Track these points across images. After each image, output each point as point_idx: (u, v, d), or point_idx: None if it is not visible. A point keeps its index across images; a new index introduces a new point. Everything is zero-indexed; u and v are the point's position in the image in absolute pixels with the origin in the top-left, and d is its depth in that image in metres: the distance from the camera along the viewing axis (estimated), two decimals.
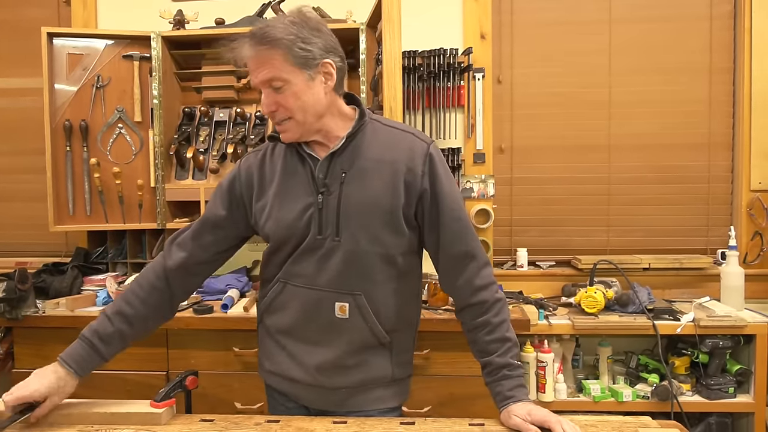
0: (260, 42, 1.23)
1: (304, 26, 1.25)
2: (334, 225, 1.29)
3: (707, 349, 2.25)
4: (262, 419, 1.27)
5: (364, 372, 1.35)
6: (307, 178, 1.32)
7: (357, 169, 1.30)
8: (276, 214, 1.34)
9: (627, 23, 2.74)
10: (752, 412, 2.27)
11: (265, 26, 1.24)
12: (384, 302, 1.34)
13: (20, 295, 2.16)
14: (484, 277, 1.33)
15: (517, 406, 1.21)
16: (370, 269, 1.31)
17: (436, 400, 2.12)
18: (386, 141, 1.33)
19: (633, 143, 2.76)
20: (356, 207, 1.29)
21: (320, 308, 1.32)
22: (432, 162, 1.32)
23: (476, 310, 1.32)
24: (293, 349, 1.37)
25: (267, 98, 1.27)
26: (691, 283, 2.65)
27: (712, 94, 2.73)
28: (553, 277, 2.71)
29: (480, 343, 1.31)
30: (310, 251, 1.31)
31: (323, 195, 1.30)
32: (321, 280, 1.31)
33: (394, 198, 1.29)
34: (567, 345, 2.42)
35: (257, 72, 1.25)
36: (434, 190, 1.31)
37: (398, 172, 1.30)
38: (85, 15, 2.81)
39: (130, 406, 1.28)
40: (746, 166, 2.66)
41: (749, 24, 2.63)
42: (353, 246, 1.29)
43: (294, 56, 1.22)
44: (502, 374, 1.26)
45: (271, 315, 1.40)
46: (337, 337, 1.33)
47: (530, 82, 2.78)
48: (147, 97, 2.58)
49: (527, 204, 2.81)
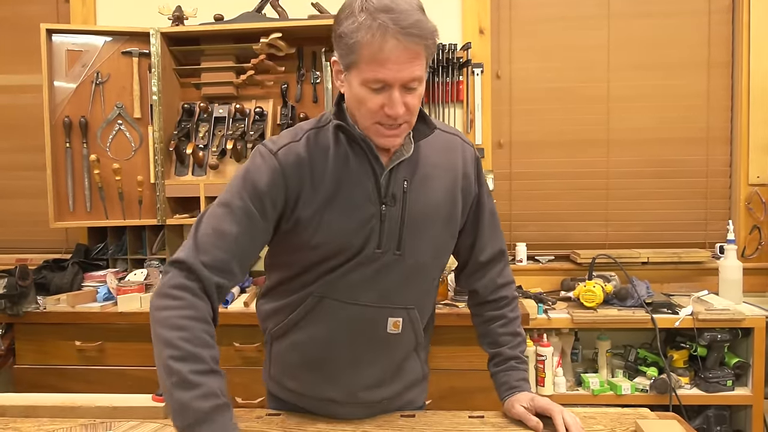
0: (418, 35, 1.02)
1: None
2: (396, 238, 1.16)
3: (705, 342, 2.26)
4: (263, 413, 1.28)
5: (402, 380, 1.29)
6: (370, 184, 1.14)
7: (419, 176, 1.18)
8: (330, 223, 1.14)
9: (625, 18, 2.75)
10: (750, 405, 2.28)
11: (414, 14, 1.03)
12: (426, 311, 1.31)
13: (21, 292, 2.17)
14: (507, 276, 1.35)
15: (522, 395, 1.23)
16: (427, 281, 1.26)
17: (436, 394, 2.13)
18: (441, 145, 1.24)
19: (631, 138, 2.77)
20: (420, 218, 1.18)
21: (369, 325, 1.20)
22: (479, 166, 1.30)
23: (496, 305, 1.33)
24: (330, 368, 1.23)
25: (400, 98, 1.05)
26: (689, 277, 2.66)
27: (710, 89, 2.74)
28: (552, 272, 2.71)
29: (492, 335, 1.32)
30: (363, 265, 1.16)
31: (387, 205, 1.15)
32: (372, 296, 1.18)
33: (453, 206, 1.23)
34: (566, 339, 2.43)
35: (403, 67, 1.03)
36: (480, 194, 1.29)
37: (456, 178, 1.23)
38: (84, 11, 2.81)
39: (132, 400, 1.29)
40: (744, 160, 2.66)
41: (747, 18, 2.63)
42: (415, 259, 1.19)
43: (429, 54, 1.07)
44: (510, 365, 1.28)
45: (300, 331, 1.22)
46: (385, 353, 1.24)
47: (529, 77, 2.79)
48: (146, 93, 2.58)
49: (526, 198, 2.82)
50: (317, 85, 2.68)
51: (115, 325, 2.18)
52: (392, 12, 1.01)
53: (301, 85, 2.68)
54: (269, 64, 2.56)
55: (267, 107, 2.62)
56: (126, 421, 1.23)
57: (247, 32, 2.51)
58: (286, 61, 2.61)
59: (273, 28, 2.48)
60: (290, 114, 2.66)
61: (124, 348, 2.19)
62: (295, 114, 2.67)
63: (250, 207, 1.11)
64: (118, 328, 2.20)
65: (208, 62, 2.63)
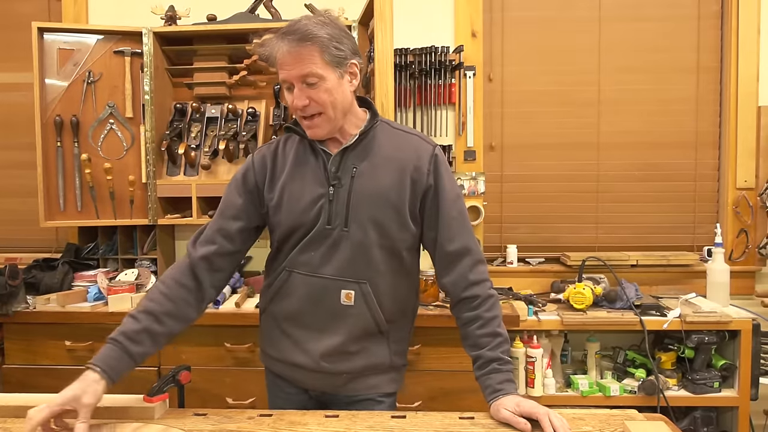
0: (300, 39, 1.27)
1: (336, 27, 1.32)
2: (343, 216, 1.36)
3: (693, 344, 2.28)
4: (254, 413, 1.28)
5: (365, 358, 1.41)
6: (320, 170, 1.38)
7: (367, 164, 1.38)
8: (287, 203, 1.39)
9: (616, 22, 2.77)
10: (737, 407, 2.30)
11: (302, 24, 1.29)
12: (386, 292, 1.40)
13: (11, 291, 2.16)
14: (478, 273, 1.40)
15: (506, 399, 1.25)
16: (375, 259, 1.38)
17: (426, 395, 2.14)
18: (395, 141, 1.42)
19: (621, 141, 2.79)
20: (365, 200, 1.36)
21: (326, 296, 1.38)
22: (437, 162, 1.41)
23: (469, 305, 1.38)
24: (298, 335, 1.41)
25: (299, 93, 1.30)
26: (677, 280, 2.69)
27: (699, 93, 2.77)
28: (543, 274, 2.73)
29: (472, 337, 1.36)
30: (317, 241, 1.37)
31: (335, 187, 1.36)
32: (327, 269, 1.37)
33: (401, 193, 1.37)
34: (556, 340, 2.44)
35: (293, 67, 1.29)
36: (437, 188, 1.39)
37: (406, 169, 1.38)
38: (76, 10, 2.80)
39: (124, 400, 1.29)
40: (732, 164, 2.69)
41: (736, 24, 2.66)
42: (361, 237, 1.36)
43: (329, 54, 1.29)
44: (492, 368, 1.30)
45: (277, 303, 1.44)
46: (342, 324, 1.38)
47: (520, 80, 2.80)
48: (138, 92, 2.57)
49: (517, 201, 2.84)
50: None
51: (105, 325, 2.17)
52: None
53: None
54: (262, 65, 2.56)
55: (259, 108, 2.62)
56: (117, 422, 1.23)
57: (240, 33, 2.51)
58: None
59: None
60: (283, 115, 2.66)
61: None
62: (287, 115, 2.67)
63: (230, 191, 1.45)
64: (108, 328, 2.14)
65: (201, 62, 2.62)
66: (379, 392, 1.45)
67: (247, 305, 2.24)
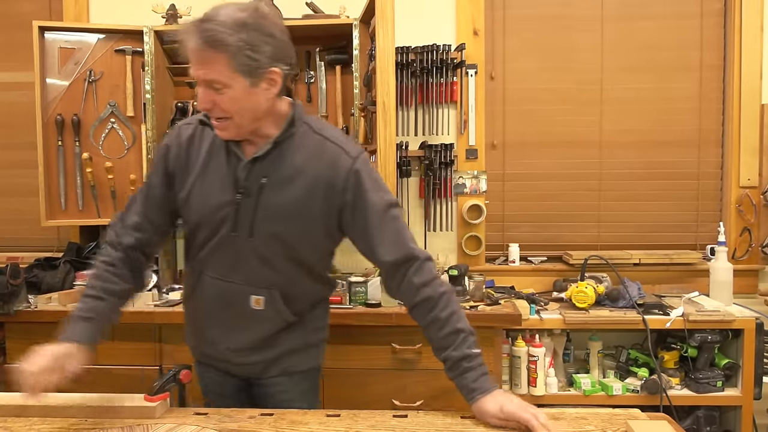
0: (206, 42, 1.18)
1: (258, 30, 1.20)
2: (248, 227, 1.33)
3: (696, 343, 2.27)
4: (255, 412, 1.28)
5: (278, 348, 1.44)
6: (229, 175, 1.33)
7: (277, 177, 1.32)
8: (196, 200, 1.36)
9: (619, 20, 2.76)
10: (740, 406, 2.29)
11: (215, 25, 1.17)
12: (297, 296, 1.42)
13: (12, 290, 2.15)
14: (424, 275, 1.31)
15: (487, 401, 1.21)
16: (283, 270, 1.37)
17: (428, 394, 2.14)
18: (312, 150, 1.33)
19: (624, 140, 2.78)
20: (271, 214, 1.32)
21: (236, 300, 1.38)
22: (356, 177, 1.32)
23: (423, 308, 1.31)
24: (212, 333, 1.44)
25: (204, 95, 1.23)
26: (680, 279, 2.68)
27: (702, 92, 2.75)
28: (545, 272, 2.73)
29: (435, 340, 1.30)
30: (223, 246, 1.36)
31: (242, 196, 1.32)
32: (236, 275, 1.37)
33: (311, 209, 1.32)
34: (558, 339, 2.44)
35: (198, 69, 1.21)
36: (360, 203, 1.32)
37: (318, 184, 1.31)
38: (77, 9, 2.80)
39: (125, 399, 1.29)
40: (735, 162, 2.68)
41: (739, 22, 2.65)
42: (265, 250, 1.34)
43: (238, 63, 1.19)
44: (463, 367, 1.25)
45: (192, 301, 1.46)
46: (253, 325, 1.41)
47: (522, 78, 2.79)
48: (139, 91, 2.57)
49: (519, 200, 2.83)
50: (311, 85, 2.68)
51: None
52: (204, 20, 1.19)
53: (295, 85, 2.68)
54: None
55: None
56: (119, 421, 1.23)
57: None
58: None
59: None
60: None
61: (116, 347, 2.18)
62: None
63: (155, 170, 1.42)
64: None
65: None
66: (299, 369, 1.49)
67: None
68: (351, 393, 2.14)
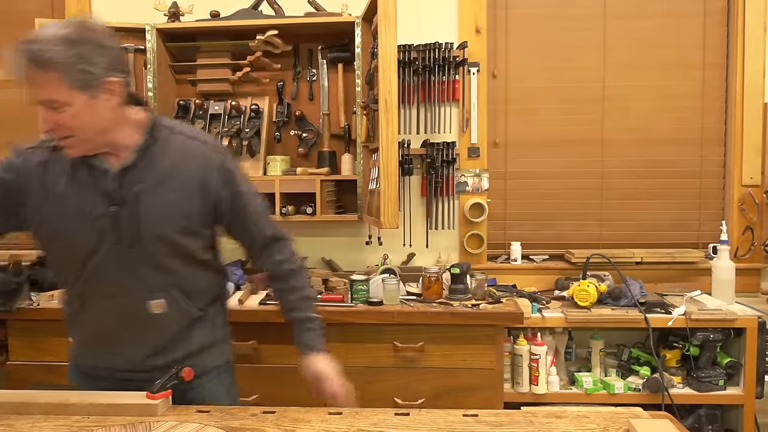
0: (35, 64, 1.16)
1: (87, 43, 1.19)
2: (132, 234, 1.32)
3: (698, 342, 2.27)
4: (257, 410, 1.28)
5: (186, 347, 1.45)
6: (98, 190, 1.31)
7: (152, 181, 1.33)
8: (59, 226, 1.32)
9: (621, 18, 2.75)
10: (741, 405, 2.29)
11: (41, 45, 1.15)
12: (195, 290, 1.44)
13: (14, 288, 2.16)
14: (286, 253, 1.54)
15: (316, 359, 1.47)
16: (175, 268, 1.39)
17: (430, 392, 2.14)
18: (181, 151, 1.38)
19: (626, 138, 2.78)
20: (153, 217, 1.33)
21: (134, 311, 1.37)
22: (227, 171, 1.41)
23: (283, 278, 1.54)
24: (114, 348, 1.41)
25: (45, 116, 1.21)
26: (682, 277, 2.68)
27: (705, 90, 2.75)
28: (547, 271, 2.72)
29: (286, 302, 1.54)
30: (109, 260, 1.33)
31: (119, 206, 1.31)
32: (128, 287, 1.35)
33: (190, 206, 1.37)
34: (560, 338, 2.44)
35: (33, 92, 1.19)
36: (235, 196, 1.43)
37: (193, 182, 1.37)
38: (79, 7, 2.80)
39: (127, 397, 1.29)
40: (738, 161, 2.68)
41: (742, 20, 2.64)
42: (153, 252, 1.35)
43: (72, 79, 1.18)
44: (306, 327, 1.51)
45: (82, 327, 1.43)
46: (157, 330, 1.40)
47: (525, 76, 2.79)
48: (141, 89, 2.57)
49: (521, 198, 2.83)
50: (313, 83, 2.68)
51: None
52: (29, 41, 1.17)
53: (297, 83, 2.68)
54: (265, 62, 2.56)
55: (263, 104, 2.62)
56: (120, 418, 1.23)
57: (243, 29, 2.50)
58: (282, 58, 2.61)
59: (269, 25, 2.47)
60: (286, 111, 2.66)
61: None
62: (290, 111, 2.67)
63: None
64: None
65: (204, 59, 2.62)
66: (209, 366, 1.50)
67: (250, 302, 2.23)
68: (353, 391, 2.15)
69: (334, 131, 2.66)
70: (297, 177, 2.48)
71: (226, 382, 1.56)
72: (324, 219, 2.50)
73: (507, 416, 1.24)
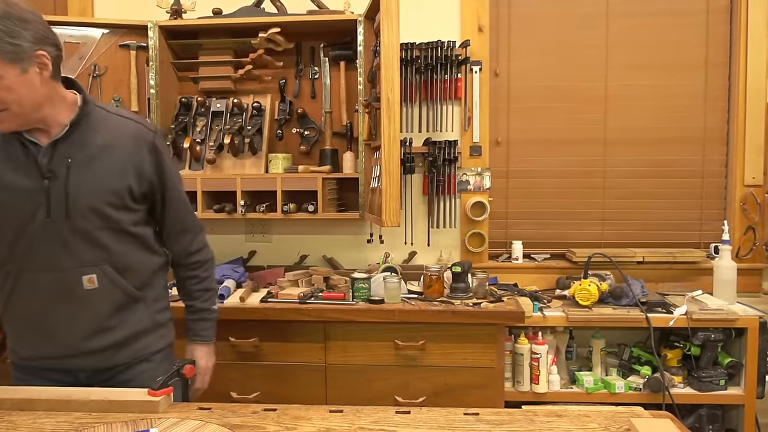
0: None
1: (9, 18, 1.22)
2: (63, 208, 1.34)
3: (699, 341, 2.27)
4: (258, 408, 1.28)
5: (126, 328, 1.46)
6: (29, 164, 1.34)
7: (83, 155, 1.36)
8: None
9: (623, 17, 2.75)
10: (742, 405, 2.29)
11: None
12: (128, 265, 1.45)
13: None
14: (198, 243, 1.62)
15: (202, 348, 1.63)
16: (107, 243, 1.40)
17: (431, 390, 2.14)
18: (113, 128, 1.42)
19: (628, 137, 2.77)
20: (84, 191, 1.35)
21: (66, 286, 1.38)
22: (158, 151, 1.47)
23: (190, 267, 1.62)
24: (50, 329, 1.41)
25: None
26: (684, 277, 2.68)
27: (707, 89, 2.74)
28: (548, 270, 2.72)
29: (189, 290, 1.63)
30: (41, 234, 1.35)
31: (50, 180, 1.34)
32: (61, 261, 1.36)
33: (121, 181, 1.40)
34: (561, 337, 2.44)
35: None
36: (160, 174, 1.48)
37: (126, 156, 1.41)
38: (82, 3, 2.80)
39: (128, 394, 1.29)
40: (740, 161, 2.68)
41: (745, 19, 2.64)
42: (85, 225, 1.36)
43: (2, 52, 1.22)
44: (202, 317, 1.63)
45: (15, 305, 1.42)
46: (91, 306, 1.41)
47: (527, 75, 2.79)
48: (144, 86, 2.57)
49: (523, 197, 2.82)
50: (315, 81, 2.68)
51: None
52: None
53: (299, 81, 2.68)
54: (267, 59, 2.56)
55: (265, 102, 2.62)
56: (122, 415, 1.23)
57: (245, 27, 2.50)
58: (284, 56, 2.61)
59: (271, 22, 2.47)
60: (288, 109, 2.66)
61: None
62: (293, 109, 2.67)
63: None
64: None
65: (206, 56, 2.62)
66: (148, 351, 1.52)
67: (252, 300, 2.24)
68: (354, 389, 2.15)
69: (336, 129, 2.66)
70: (299, 175, 2.48)
71: (166, 367, 1.52)
72: (325, 217, 2.50)
73: (508, 415, 1.24)
